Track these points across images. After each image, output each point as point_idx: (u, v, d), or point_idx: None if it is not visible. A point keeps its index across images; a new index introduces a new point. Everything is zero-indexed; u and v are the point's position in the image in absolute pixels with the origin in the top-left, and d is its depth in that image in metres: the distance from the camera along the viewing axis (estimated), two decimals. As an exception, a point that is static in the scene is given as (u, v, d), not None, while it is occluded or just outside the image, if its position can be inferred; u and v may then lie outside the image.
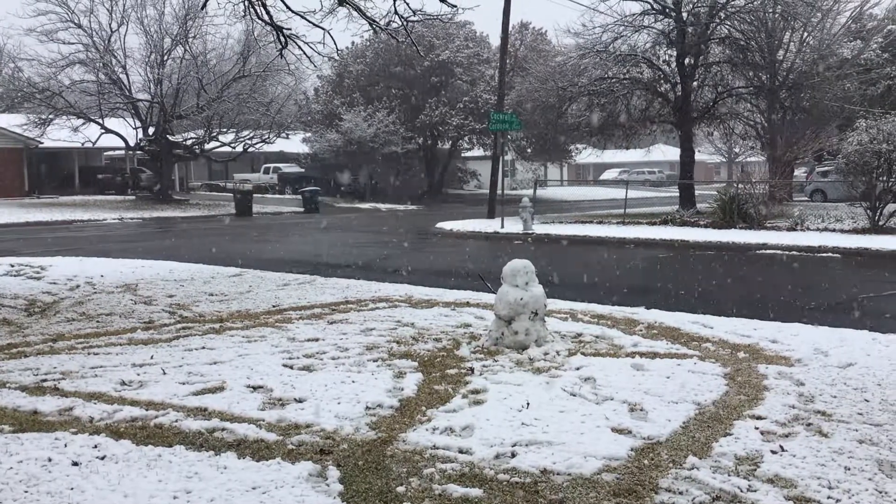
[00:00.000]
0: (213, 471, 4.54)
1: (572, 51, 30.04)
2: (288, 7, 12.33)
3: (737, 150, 50.92)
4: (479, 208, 33.74)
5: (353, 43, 50.83)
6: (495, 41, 41.73)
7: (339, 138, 45.81)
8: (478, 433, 5.15)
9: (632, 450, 4.86)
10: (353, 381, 6.38)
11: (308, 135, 50.66)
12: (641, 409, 5.67)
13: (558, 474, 4.50)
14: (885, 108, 26.56)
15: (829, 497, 4.18)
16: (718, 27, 27.99)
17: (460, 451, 4.85)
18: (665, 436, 5.12)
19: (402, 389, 6.18)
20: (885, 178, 20.59)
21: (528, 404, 5.73)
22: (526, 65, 41.76)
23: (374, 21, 12.34)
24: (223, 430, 5.24)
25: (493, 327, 7.80)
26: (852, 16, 32.19)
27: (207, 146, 43.13)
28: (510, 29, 32.38)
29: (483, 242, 22.38)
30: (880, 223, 20.90)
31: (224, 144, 43.24)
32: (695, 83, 28.94)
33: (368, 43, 49.29)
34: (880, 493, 4.24)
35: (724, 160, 67.51)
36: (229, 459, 4.72)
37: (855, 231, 20.86)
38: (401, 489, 4.29)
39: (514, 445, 4.92)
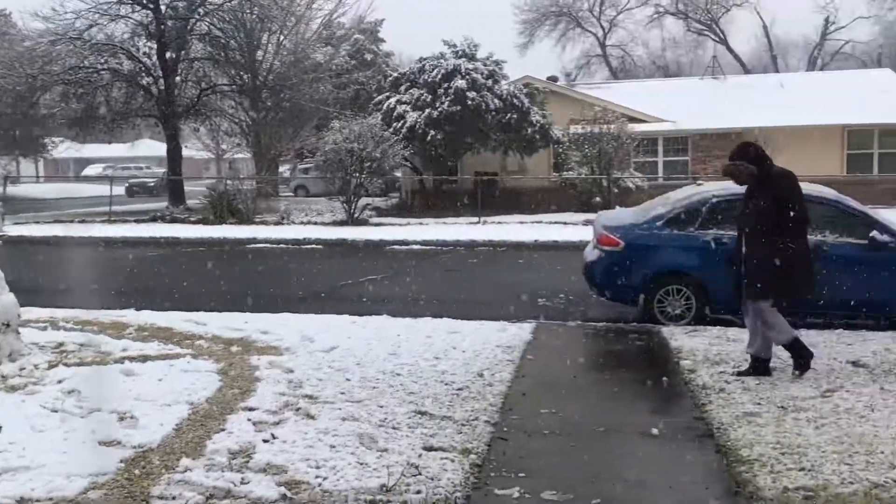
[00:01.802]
0: None
1: (42, 35, 27.65)
2: None
3: (224, 146, 51.63)
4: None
5: None
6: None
7: None
8: (-67, 472, 4.40)
9: (121, 461, 4.61)
10: None
11: None
12: (132, 417, 5.39)
13: (38, 501, 4.06)
14: (356, 110, 29.20)
15: (316, 476, 4.42)
16: (198, 23, 28.09)
17: None
18: (157, 441, 4.94)
19: None
20: (357, 175, 22.62)
21: (0, 428, 5.07)
22: (-12, 48, 37.28)
23: None
24: None
25: (-46, 346, 6.77)
26: (323, 23, 34.70)
27: None
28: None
29: (-59, 248, 19.46)
30: (355, 215, 22.97)
31: None
32: (178, 78, 28.69)
33: None
34: (362, 464, 4.59)
35: (213, 156, 68.05)
36: None
37: (335, 223, 22.61)
38: None
39: (-19, 479, 4.31)
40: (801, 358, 6.50)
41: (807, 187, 9.20)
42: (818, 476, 4.44)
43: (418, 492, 4.25)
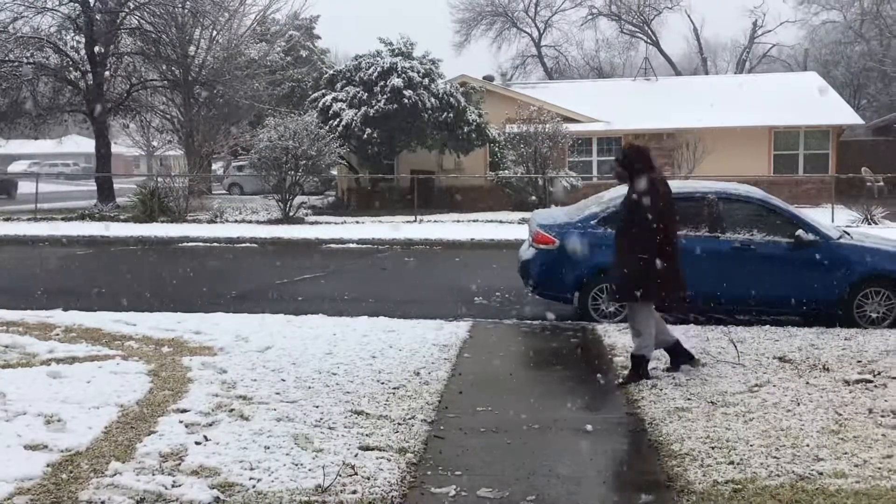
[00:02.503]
0: None
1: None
2: None
3: (155, 143, 50.57)
4: None
5: None
6: None
7: None
8: None
9: (48, 465, 4.50)
10: None
11: None
12: (59, 420, 5.24)
13: (-42, 511, 3.92)
14: (291, 107, 28.89)
15: (250, 478, 4.35)
16: (128, 17, 27.48)
17: None
18: (86, 445, 4.82)
19: None
20: (293, 173, 22.39)
21: (-83, 435, 4.89)
22: None
23: None
24: None
25: None
26: (257, 19, 34.25)
27: None
28: None
29: None
30: (290, 214, 22.74)
31: None
32: (107, 73, 27.97)
33: None
34: (297, 465, 4.55)
35: (143, 153, 66.58)
36: None
37: (270, 222, 22.34)
38: None
39: None
40: (636, 374, 6.45)
41: (735, 187, 9.48)
42: (746, 469, 4.55)
43: (354, 492, 4.22)
